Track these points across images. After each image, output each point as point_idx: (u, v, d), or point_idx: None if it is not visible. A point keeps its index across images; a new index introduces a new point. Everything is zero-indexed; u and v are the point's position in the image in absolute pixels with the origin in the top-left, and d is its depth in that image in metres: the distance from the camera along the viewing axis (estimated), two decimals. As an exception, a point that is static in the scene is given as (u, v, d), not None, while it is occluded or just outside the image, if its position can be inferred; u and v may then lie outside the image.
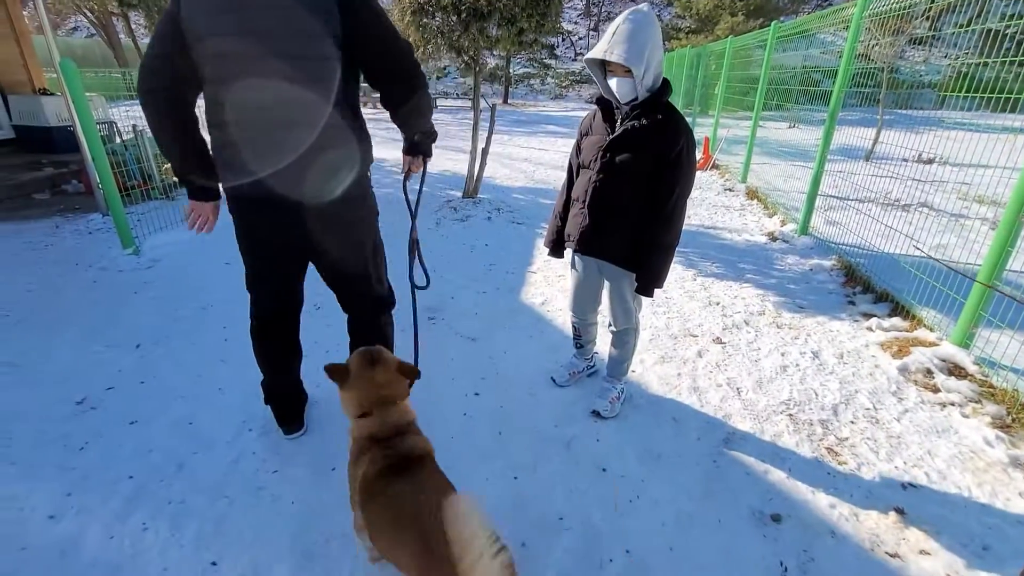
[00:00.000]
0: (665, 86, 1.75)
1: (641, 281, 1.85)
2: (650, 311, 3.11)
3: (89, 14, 12.57)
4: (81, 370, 2.39)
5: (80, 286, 3.24)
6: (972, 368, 2.40)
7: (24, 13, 7.11)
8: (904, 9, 3.44)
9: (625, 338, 2.11)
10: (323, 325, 2.72)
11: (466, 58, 4.82)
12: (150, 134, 5.38)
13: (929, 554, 1.56)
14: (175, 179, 5.50)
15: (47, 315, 2.87)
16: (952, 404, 2.26)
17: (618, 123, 1.81)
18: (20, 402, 2.15)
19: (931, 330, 2.74)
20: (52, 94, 6.45)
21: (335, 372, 1.32)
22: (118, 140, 5.56)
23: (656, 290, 1.87)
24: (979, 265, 2.55)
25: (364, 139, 1.61)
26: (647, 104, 1.72)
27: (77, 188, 5.37)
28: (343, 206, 1.60)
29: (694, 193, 6.21)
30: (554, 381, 2.37)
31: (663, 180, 1.73)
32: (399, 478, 1.19)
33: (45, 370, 2.38)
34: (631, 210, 1.82)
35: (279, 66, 1.39)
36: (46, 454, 1.89)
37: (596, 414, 2.14)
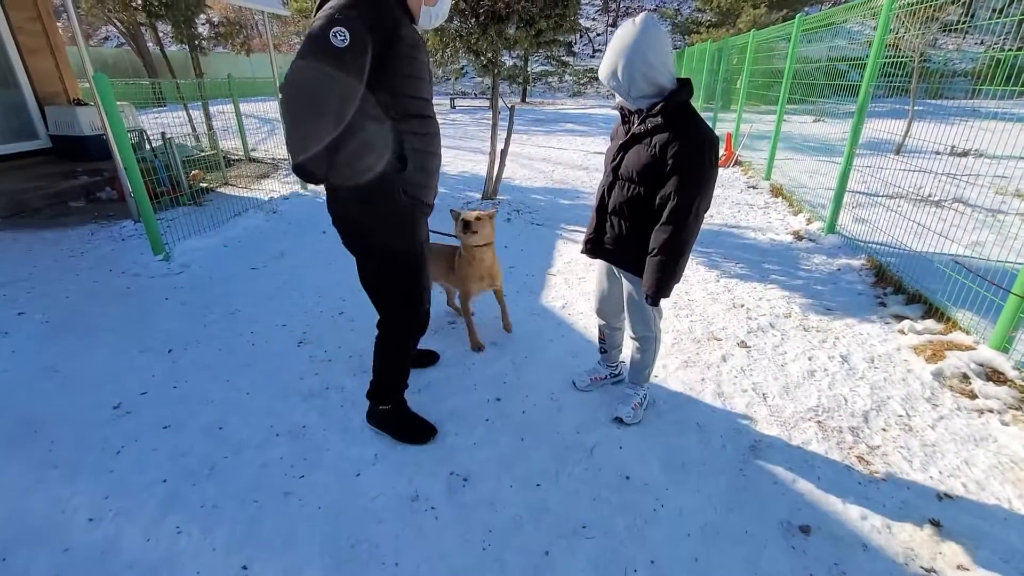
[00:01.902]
0: (679, 89, 1.66)
1: (645, 289, 1.81)
2: (672, 314, 3.07)
3: (118, 24, 12.97)
4: (117, 375, 2.47)
5: (114, 292, 3.35)
6: (1012, 373, 2.31)
7: (58, 25, 7.38)
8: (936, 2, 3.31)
9: (645, 345, 2.09)
10: (347, 330, 2.77)
11: (484, 60, 4.83)
12: (179, 141, 5.55)
13: (968, 570, 1.51)
14: (203, 185, 5.65)
15: (84, 321, 2.98)
16: (991, 411, 2.17)
17: (631, 128, 1.79)
18: (61, 406, 2.24)
19: (967, 333, 2.65)
20: (86, 104, 6.67)
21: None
22: (147, 147, 5.73)
23: (664, 299, 1.81)
24: (1020, 264, 2.45)
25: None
26: (655, 109, 1.67)
27: (110, 195, 5.55)
28: None
29: (715, 191, 6.10)
30: (575, 385, 2.37)
31: (666, 186, 1.67)
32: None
33: (83, 375, 2.47)
34: (638, 216, 1.79)
35: None
36: (85, 457, 1.96)
37: (619, 420, 2.13)
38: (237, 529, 1.66)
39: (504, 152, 5.28)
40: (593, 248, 2.00)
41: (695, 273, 3.69)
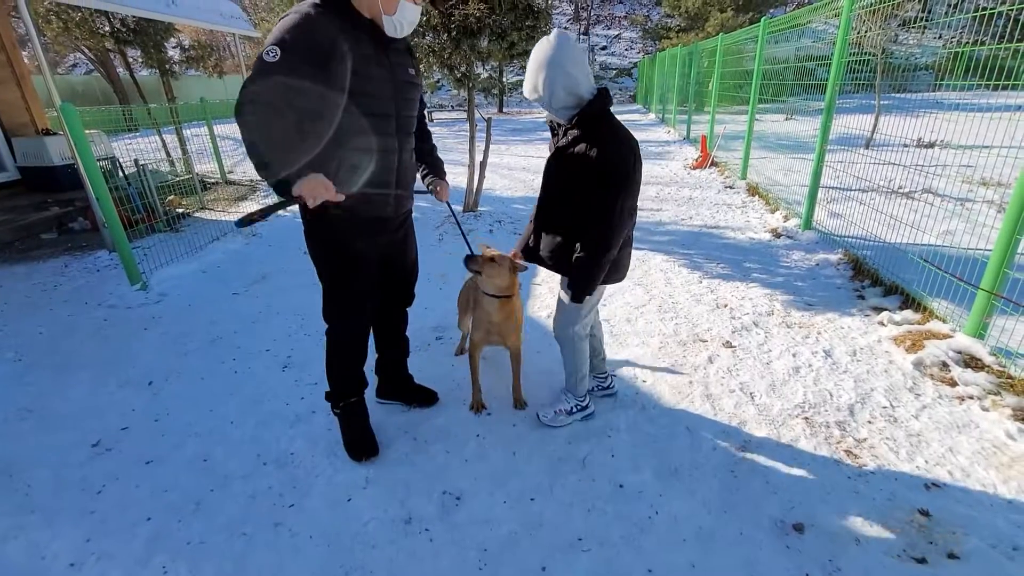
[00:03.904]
0: (596, 99, 1.71)
1: (568, 286, 1.89)
2: (657, 317, 3.09)
3: (87, 51, 12.81)
4: (95, 411, 2.40)
5: (91, 325, 3.27)
6: (989, 359, 2.36)
7: (24, 53, 7.24)
8: (894, 1, 3.42)
9: (562, 348, 2.12)
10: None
11: (458, 73, 4.85)
12: (153, 167, 5.47)
13: (958, 558, 1.53)
14: (179, 210, 5.56)
15: (60, 357, 2.90)
16: (971, 397, 2.22)
17: (558, 141, 1.86)
18: (37, 448, 2.17)
19: (944, 321, 2.71)
20: (55, 133, 6.55)
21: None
22: (120, 175, 5.63)
23: (585, 296, 1.87)
24: (989, 250, 2.51)
25: None
26: (573, 121, 1.74)
27: (83, 225, 5.43)
28: None
29: (694, 193, 6.21)
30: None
31: (586, 191, 1.74)
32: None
33: (60, 413, 2.40)
34: (564, 223, 1.87)
35: None
36: (65, 499, 1.90)
37: (537, 417, 2.18)
38: (226, 565, 1.62)
39: (483, 164, 5.30)
40: (529, 254, 2.06)
41: (678, 275, 3.72)
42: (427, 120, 2.13)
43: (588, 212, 1.75)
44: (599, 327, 2.30)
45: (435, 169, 2.14)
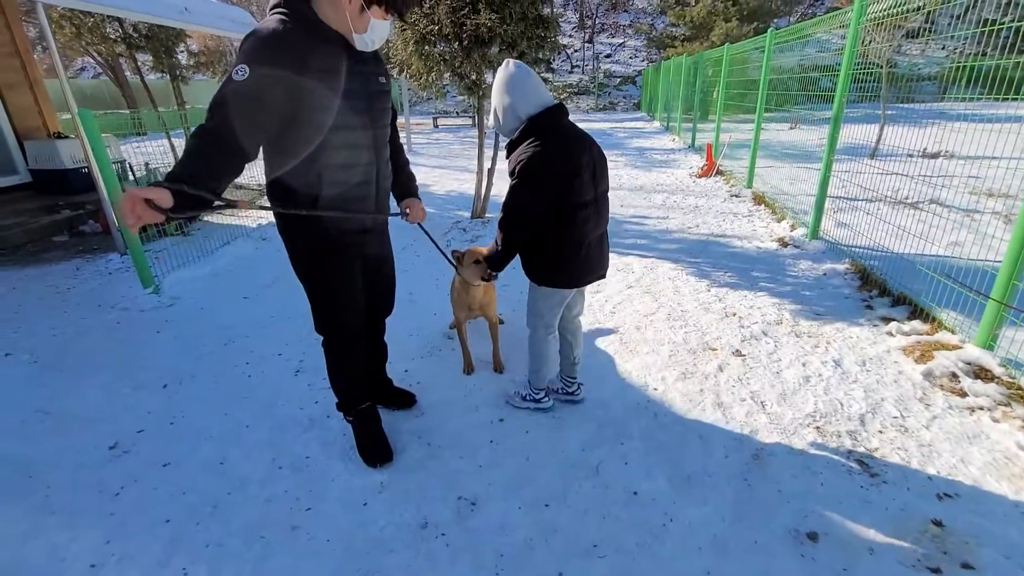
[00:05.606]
0: (536, 117, 1.85)
1: None
2: (667, 325, 3.11)
3: (96, 56, 12.93)
4: (111, 414, 2.43)
5: (104, 328, 3.30)
6: (999, 370, 2.37)
7: (34, 57, 7.32)
8: (901, 14, 3.46)
9: (529, 338, 2.24)
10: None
11: (468, 82, 4.90)
12: (163, 171, 5.52)
13: (972, 568, 1.54)
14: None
15: (74, 359, 2.93)
16: (981, 408, 2.23)
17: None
18: (55, 449, 2.19)
19: (953, 332, 2.72)
20: (66, 137, 6.61)
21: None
22: (131, 179, 5.68)
23: (499, 270, 2.09)
24: (999, 262, 2.53)
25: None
26: (515, 136, 1.92)
27: (94, 228, 5.48)
28: None
29: (700, 201, 6.24)
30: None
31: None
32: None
33: (76, 415, 2.43)
34: None
35: None
36: (84, 501, 1.92)
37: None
38: (245, 568, 1.64)
39: (491, 170, 5.35)
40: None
41: (686, 284, 3.74)
42: (404, 134, 2.18)
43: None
44: (576, 334, 2.31)
45: (407, 190, 2.09)
